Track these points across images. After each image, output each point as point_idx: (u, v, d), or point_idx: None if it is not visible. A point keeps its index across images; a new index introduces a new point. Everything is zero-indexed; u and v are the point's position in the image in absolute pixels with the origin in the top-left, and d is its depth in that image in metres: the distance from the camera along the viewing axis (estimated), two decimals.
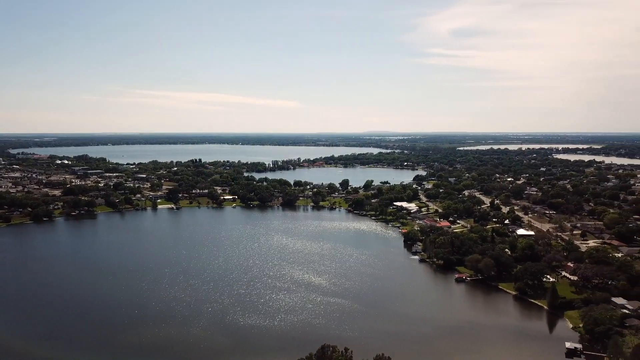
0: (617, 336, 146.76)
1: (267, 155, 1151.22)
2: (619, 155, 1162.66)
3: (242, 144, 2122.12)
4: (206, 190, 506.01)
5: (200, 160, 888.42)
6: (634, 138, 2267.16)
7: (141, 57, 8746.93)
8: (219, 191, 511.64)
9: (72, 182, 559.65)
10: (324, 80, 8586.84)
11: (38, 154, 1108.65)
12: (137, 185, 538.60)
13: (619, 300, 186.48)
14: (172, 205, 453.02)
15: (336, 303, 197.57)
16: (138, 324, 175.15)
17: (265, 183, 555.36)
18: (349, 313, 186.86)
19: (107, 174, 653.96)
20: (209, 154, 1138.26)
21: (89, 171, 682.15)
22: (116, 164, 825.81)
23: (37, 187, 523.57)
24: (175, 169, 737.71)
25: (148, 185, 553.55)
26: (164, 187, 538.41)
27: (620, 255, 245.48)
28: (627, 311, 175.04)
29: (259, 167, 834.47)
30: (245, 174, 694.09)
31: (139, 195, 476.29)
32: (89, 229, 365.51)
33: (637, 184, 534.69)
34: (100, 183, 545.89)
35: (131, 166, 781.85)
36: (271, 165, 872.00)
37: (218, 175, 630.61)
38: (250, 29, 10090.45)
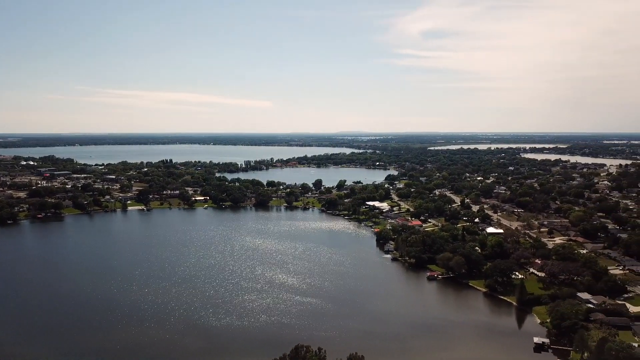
0: (583, 330, 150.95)
1: (239, 155, 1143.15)
2: (584, 154, 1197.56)
3: (213, 144, 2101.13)
4: (177, 191, 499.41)
5: (171, 160, 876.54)
6: (597, 138, 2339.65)
7: (110, 57, 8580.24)
8: (191, 192, 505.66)
9: (38, 183, 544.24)
10: (297, 81, 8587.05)
11: (1, 154, 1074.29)
12: (106, 186, 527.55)
13: (584, 295, 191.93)
14: (143, 207, 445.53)
15: (309, 303, 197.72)
16: (108, 326, 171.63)
17: (237, 183, 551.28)
18: (322, 313, 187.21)
19: (75, 175, 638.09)
20: (180, 155, 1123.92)
21: (55, 172, 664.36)
22: (84, 164, 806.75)
23: (1, 189, 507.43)
24: (146, 169, 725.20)
25: (117, 186, 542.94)
26: (134, 188, 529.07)
27: (585, 251, 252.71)
28: (591, 306, 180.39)
29: (231, 167, 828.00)
30: (217, 175, 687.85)
31: (108, 197, 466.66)
32: (56, 231, 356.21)
33: (600, 183, 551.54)
34: (67, 184, 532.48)
35: (100, 167, 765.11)
36: (244, 166, 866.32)
37: (189, 176, 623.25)
38: (223, 28, 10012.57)
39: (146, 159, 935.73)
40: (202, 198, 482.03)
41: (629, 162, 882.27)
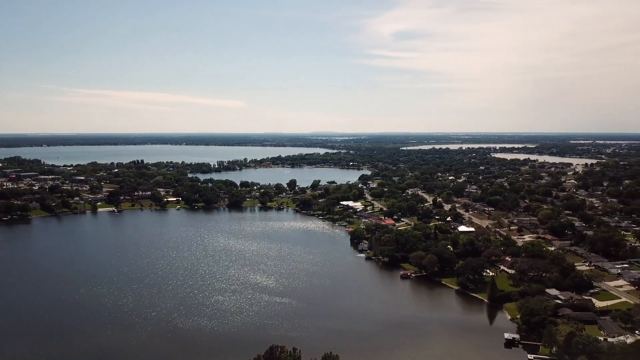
0: (551, 325, 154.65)
1: (212, 155, 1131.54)
2: (551, 154, 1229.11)
3: (186, 145, 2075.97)
4: (149, 192, 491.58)
5: (142, 161, 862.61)
6: (564, 138, 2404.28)
7: (79, 55, 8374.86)
8: (163, 193, 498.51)
9: (4, 185, 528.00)
10: (271, 81, 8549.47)
11: None
12: (75, 187, 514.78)
13: (553, 291, 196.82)
14: (113, 208, 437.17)
15: (283, 303, 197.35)
16: (78, 331, 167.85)
17: (210, 184, 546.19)
18: (297, 312, 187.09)
19: (43, 177, 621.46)
20: (152, 155, 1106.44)
21: (22, 174, 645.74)
22: (52, 165, 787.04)
23: None
24: (116, 170, 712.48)
25: (87, 187, 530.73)
26: (104, 189, 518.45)
27: (553, 248, 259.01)
28: (559, 301, 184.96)
29: (204, 167, 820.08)
30: (190, 175, 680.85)
31: (77, 199, 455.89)
32: (23, 234, 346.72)
33: (567, 182, 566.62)
34: (34, 186, 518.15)
35: (68, 168, 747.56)
36: (217, 166, 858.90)
37: (161, 177, 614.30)
38: (195, 27, 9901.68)
39: (117, 159, 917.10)
40: (175, 199, 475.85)
41: (594, 161, 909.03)
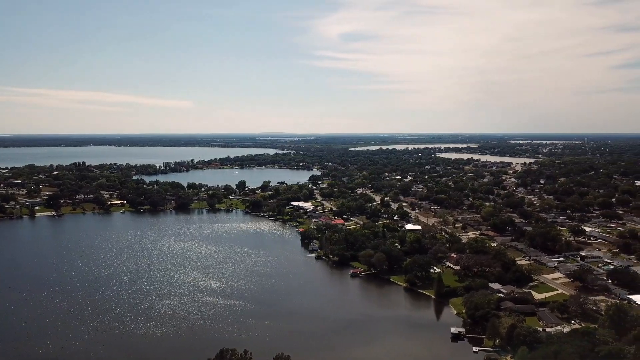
0: (494, 318, 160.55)
1: (158, 157, 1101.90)
2: (492, 153, 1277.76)
3: (130, 146, 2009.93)
4: (91, 195, 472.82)
5: (84, 163, 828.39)
6: (504, 138, 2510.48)
7: (12, 53, 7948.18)
8: (106, 196, 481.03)
9: None
10: (218, 80, 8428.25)
11: None
12: (10, 191, 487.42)
13: (495, 286, 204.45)
14: (53, 213, 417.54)
15: (233, 305, 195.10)
16: (12, 340, 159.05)
17: (156, 186, 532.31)
18: (247, 314, 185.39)
19: None
20: (94, 157, 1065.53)
21: None
22: None
23: None
24: (56, 173, 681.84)
25: (24, 191, 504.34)
26: (42, 193, 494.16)
27: (495, 244, 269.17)
28: (502, 295, 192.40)
29: (149, 169, 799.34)
30: (135, 177, 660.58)
31: (13, 203, 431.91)
32: None
33: (507, 180, 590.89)
34: None
35: (3, 171, 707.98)
36: (162, 168, 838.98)
37: (104, 179, 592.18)
38: (139, 23, 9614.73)
39: (56, 161, 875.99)
40: (119, 202, 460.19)
41: (532, 160, 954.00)
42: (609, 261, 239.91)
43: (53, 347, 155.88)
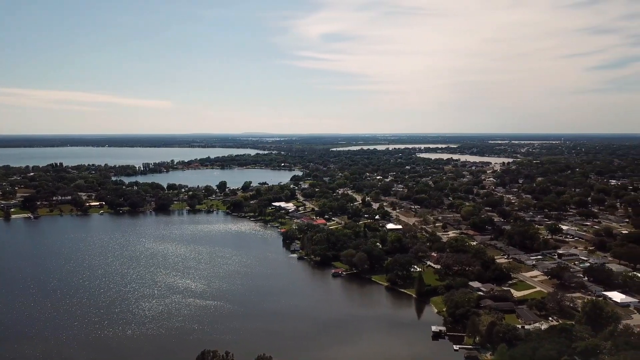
0: (474, 316, 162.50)
1: (137, 157, 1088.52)
2: (472, 153, 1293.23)
3: (109, 146, 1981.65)
4: (69, 197, 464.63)
5: (61, 164, 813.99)
6: (483, 138, 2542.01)
7: None
8: (84, 197, 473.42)
9: None
10: (198, 80, 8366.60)
11: None
12: None
13: (475, 284, 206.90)
14: (29, 214, 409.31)
15: (215, 306, 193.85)
16: None
17: (136, 187, 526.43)
18: (229, 315, 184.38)
19: None
20: (72, 158, 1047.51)
21: None
22: None
23: None
24: (32, 174, 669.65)
25: None
26: (18, 194, 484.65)
27: (475, 243, 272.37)
28: (481, 293, 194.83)
29: (128, 170, 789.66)
30: (114, 178, 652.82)
31: None
32: None
33: (486, 180, 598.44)
34: None
35: None
36: (142, 168, 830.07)
37: (82, 180, 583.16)
38: (117, 22, 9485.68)
39: (32, 162, 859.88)
40: (97, 203, 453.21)
41: (510, 160, 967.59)
42: (585, 259, 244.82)
43: (30, 352, 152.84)
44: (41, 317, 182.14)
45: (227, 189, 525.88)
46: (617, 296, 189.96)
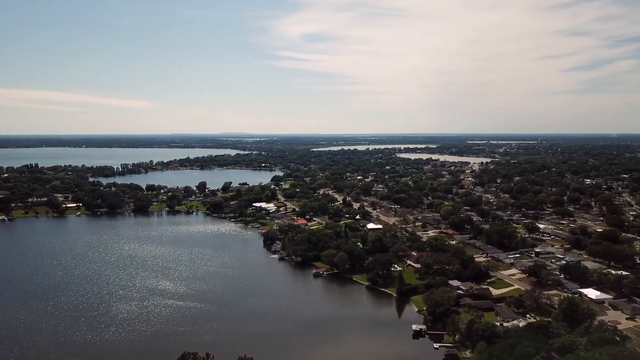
0: (454, 315, 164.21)
1: (115, 158, 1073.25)
2: (451, 153, 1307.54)
3: (86, 147, 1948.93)
4: (45, 198, 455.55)
5: (36, 165, 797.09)
6: (462, 138, 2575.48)
7: None
8: (61, 199, 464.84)
9: None
10: (177, 80, 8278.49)
11: None
12: None
13: (455, 283, 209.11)
14: (3, 217, 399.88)
15: (195, 308, 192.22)
16: None
17: (114, 188, 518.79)
18: (209, 317, 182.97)
19: None
20: (48, 158, 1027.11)
21: None
22: None
23: None
24: (6, 175, 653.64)
25: None
26: None
27: (454, 242, 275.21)
28: (461, 292, 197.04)
29: (106, 171, 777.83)
30: (91, 179, 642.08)
31: None
32: None
33: (465, 179, 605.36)
34: None
35: None
36: (120, 169, 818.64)
37: (59, 181, 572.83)
38: (95, 21, 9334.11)
39: (6, 163, 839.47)
40: (74, 205, 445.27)
41: (488, 160, 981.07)
42: (561, 257, 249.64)
43: (4, 356, 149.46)
44: (16, 321, 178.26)
45: (207, 190, 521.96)
46: (592, 293, 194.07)
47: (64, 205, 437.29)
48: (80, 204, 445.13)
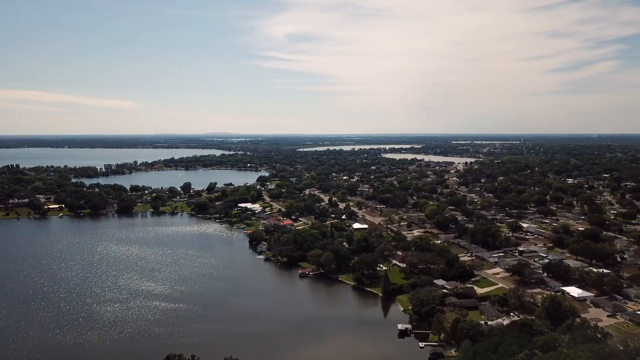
0: (439, 314, 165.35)
1: (98, 158, 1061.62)
2: (436, 153, 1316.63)
3: (68, 147, 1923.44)
4: (26, 200, 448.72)
5: (17, 165, 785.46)
6: (447, 138, 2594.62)
7: None
8: (43, 200, 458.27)
9: None
10: (161, 80, 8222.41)
11: None
12: None
13: (440, 282, 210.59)
14: None
15: (180, 309, 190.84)
16: None
17: (97, 189, 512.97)
18: (194, 318, 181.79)
19: None
20: (29, 159, 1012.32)
21: None
22: None
23: None
24: None
25: None
26: None
27: (439, 242, 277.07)
28: (446, 291, 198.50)
29: (89, 172, 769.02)
30: (74, 180, 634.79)
31: None
32: None
33: (450, 179, 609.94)
34: None
35: None
36: (104, 170, 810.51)
37: (41, 182, 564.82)
38: (76, 20, 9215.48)
39: None
40: (57, 206, 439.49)
41: (472, 160, 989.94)
42: (544, 255, 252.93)
43: None
44: None
45: (191, 191, 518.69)
46: (574, 291, 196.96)
47: (46, 207, 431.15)
48: (63, 205, 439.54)
